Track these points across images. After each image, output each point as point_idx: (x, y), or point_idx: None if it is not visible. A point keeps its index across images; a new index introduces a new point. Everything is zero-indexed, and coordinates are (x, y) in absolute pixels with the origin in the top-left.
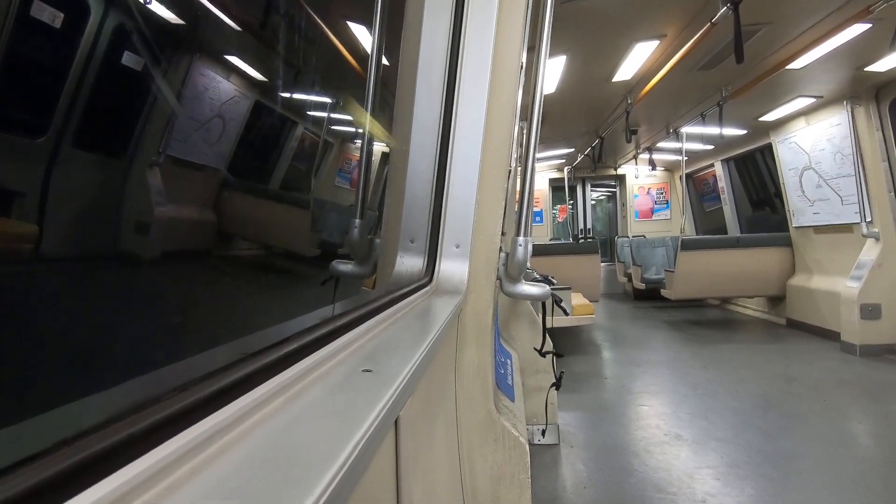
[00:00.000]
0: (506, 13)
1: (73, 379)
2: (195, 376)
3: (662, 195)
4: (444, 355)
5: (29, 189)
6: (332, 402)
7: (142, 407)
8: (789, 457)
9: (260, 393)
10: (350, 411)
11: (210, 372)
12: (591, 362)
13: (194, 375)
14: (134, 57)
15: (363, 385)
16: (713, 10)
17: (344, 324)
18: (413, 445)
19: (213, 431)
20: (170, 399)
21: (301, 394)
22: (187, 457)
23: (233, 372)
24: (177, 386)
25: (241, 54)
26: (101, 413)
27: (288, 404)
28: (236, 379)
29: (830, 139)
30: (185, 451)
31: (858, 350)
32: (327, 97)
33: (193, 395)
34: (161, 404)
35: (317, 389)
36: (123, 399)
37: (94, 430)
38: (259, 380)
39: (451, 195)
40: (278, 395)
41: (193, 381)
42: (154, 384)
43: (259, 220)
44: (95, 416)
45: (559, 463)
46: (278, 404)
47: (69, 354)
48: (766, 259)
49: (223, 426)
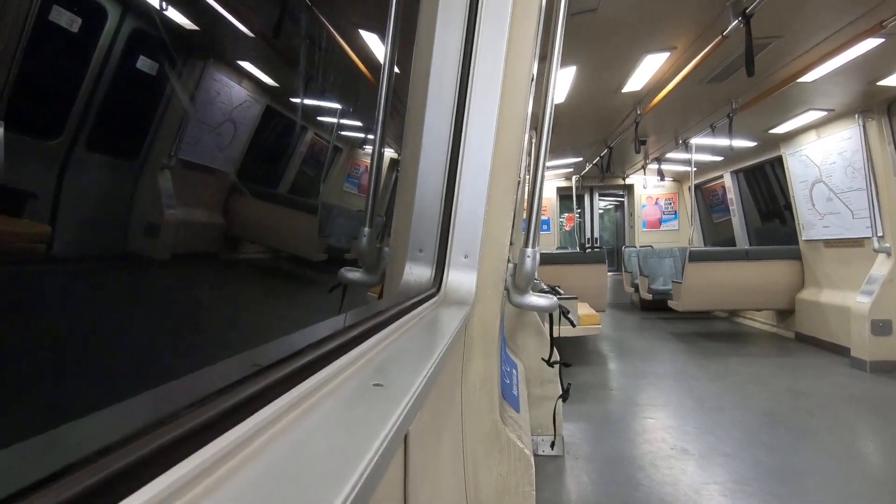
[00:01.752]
0: (518, 24)
1: (90, 390)
2: (212, 389)
3: (671, 205)
4: (451, 366)
5: (43, 189)
6: (345, 416)
7: (163, 422)
8: (798, 474)
9: (276, 407)
10: (363, 426)
11: (227, 385)
12: (597, 373)
13: (211, 388)
14: (148, 61)
15: (374, 399)
16: (724, 23)
17: (355, 336)
18: (421, 458)
19: (233, 446)
20: (190, 414)
21: (315, 408)
22: (209, 471)
23: (249, 386)
24: (196, 400)
25: (253, 60)
26: (120, 430)
27: (303, 419)
28: (253, 393)
29: (841, 153)
30: (207, 466)
31: (869, 366)
32: (338, 103)
33: (212, 409)
34: (182, 419)
35: (330, 403)
36: (142, 413)
37: (115, 447)
38: (274, 394)
39: (461, 205)
40: (293, 408)
41: (211, 396)
42: (172, 397)
43: (267, 224)
44: (113, 432)
45: (564, 475)
46: (294, 418)
47: (82, 364)
48: (775, 272)
49: (242, 440)
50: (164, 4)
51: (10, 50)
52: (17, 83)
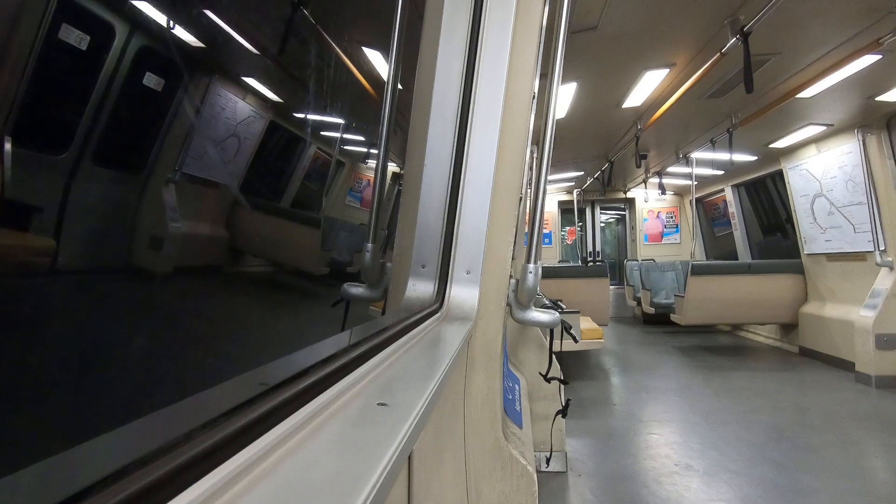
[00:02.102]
0: (519, 42)
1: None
2: (220, 411)
3: (672, 219)
4: (454, 384)
5: (48, 203)
6: (350, 437)
7: (171, 446)
8: (804, 491)
9: (284, 429)
10: (369, 447)
11: (235, 406)
12: (600, 388)
13: (218, 409)
14: (154, 78)
15: (380, 419)
16: (723, 40)
17: (360, 354)
18: (424, 477)
19: (241, 469)
20: (199, 437)
21: (321, 428)
22: (218, 495)
23: (257, 407)
24: (204, 423)
25: (258, 76)
26: (126, 454)
27: (310, 440)
28: (261, 414)
29: (842, 167)
30: (216, 489)
31: (874, 381)
32: (341, 119)
33: (221, 431)
34: (190, 443)
35: (336, 424)
36: (150, 436)
37: (120, 473)
38: (282, 415)
39: (463, 220)
40: (300, 429)
41: (220, 418)
42: (180, 419)
43: (270, 238)
44: (118, 457)
45: (567, 492)
46: (301, 439)
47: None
48: (777, 286)
49: (250, 463)
50: (171, 23)
51: (21, 66)
52: (25, 99)
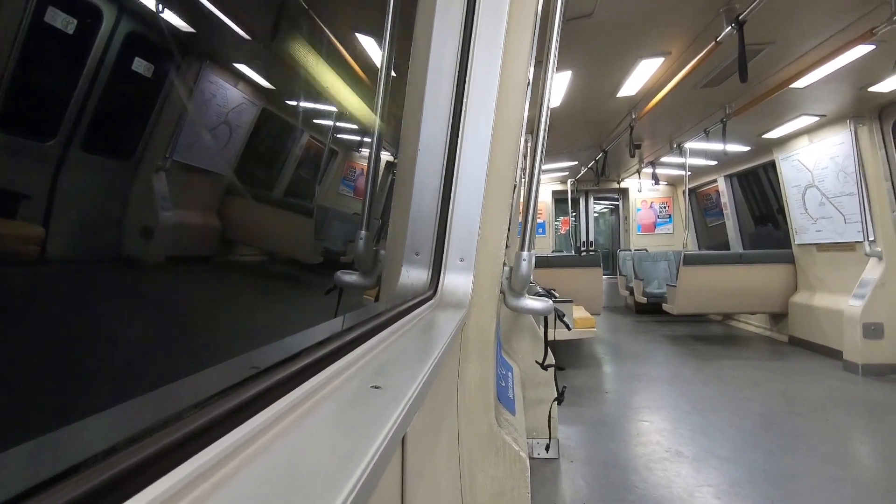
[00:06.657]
0: (514, 29)
1: (86, 393)
2: (210, 393)
3: (665, 209)
4: (448, 369)
5: (37, 191)
6: (344, 418)
7: (161, 425)
8: (791, 476)
9: (275, 410)
10: (362, 428)
11: (226, 388)
12: (592, 376)
13: (209, 391)
14: (144, 63)
15: (373, 401)
16: (718, 29)
17: (353, 338)
18: (418, 460)
19: (231, 449)
20: (189, 417)
21: (314, 410)
22: (208, 475)
23: (248, 388)
24: (194, 404)
25: (249, 63)
26: (117, 433)
27: (302, 421)
28: (252, 395)
29: (833, 157)
30: (206, 469)
31: (861, 369)
32: (334, 106)
33: (211, 412)
34: (180, 422)
35: (329, 405)
36: (140, 416)
37: (112, 451)
38: (274, 396)
39: (457, 208)
40: (293, 410)
41: (210, 399)
42: (170, 400)
43: (263, 226)
44: (110, 436)
45: (559, 478)
46: (293, 420)
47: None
48: (768, 276)
49: (241, 443)
50: (161, 7)
51: (5, 51)
52: (11, 85)
